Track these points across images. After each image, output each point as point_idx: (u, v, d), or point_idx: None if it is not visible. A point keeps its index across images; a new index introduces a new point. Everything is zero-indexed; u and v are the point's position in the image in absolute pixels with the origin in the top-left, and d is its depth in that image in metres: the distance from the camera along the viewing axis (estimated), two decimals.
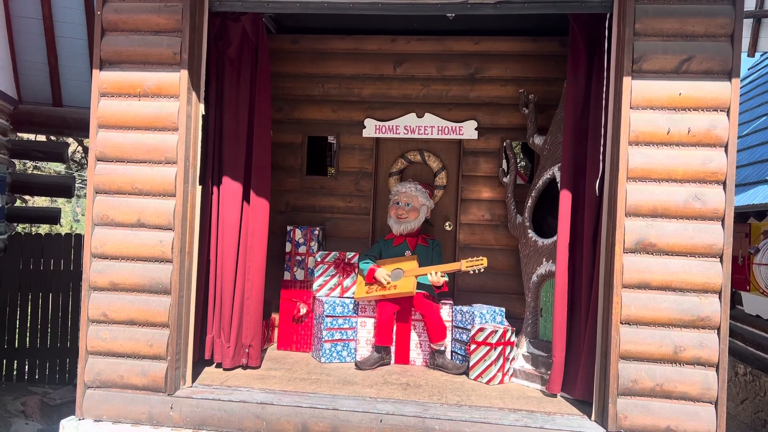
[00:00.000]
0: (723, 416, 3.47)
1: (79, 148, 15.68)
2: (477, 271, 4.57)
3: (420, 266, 4.72)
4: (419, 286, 4.67)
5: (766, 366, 6.93)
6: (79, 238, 7.61)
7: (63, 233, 7.65)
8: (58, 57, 6.92)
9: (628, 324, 3.54)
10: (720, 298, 3.49)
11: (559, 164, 4.44)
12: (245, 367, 4.42)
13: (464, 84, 5.30)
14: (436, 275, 4.57)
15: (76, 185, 9.67)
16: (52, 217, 7.95)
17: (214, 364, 4.44)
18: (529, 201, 4.81)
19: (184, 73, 3.82)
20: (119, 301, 3.84)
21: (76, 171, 17.65)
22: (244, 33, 4.38)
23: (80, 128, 7.24)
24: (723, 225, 3.48)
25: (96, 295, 3.87)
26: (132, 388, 3.83)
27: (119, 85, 3.87)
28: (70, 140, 13.37)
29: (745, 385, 7.33)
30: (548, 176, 4.66)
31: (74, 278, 7.48)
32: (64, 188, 7.71)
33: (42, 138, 11.60)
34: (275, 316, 5.25)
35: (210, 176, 4.36)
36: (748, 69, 11.04)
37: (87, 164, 15.94)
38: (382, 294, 4.61)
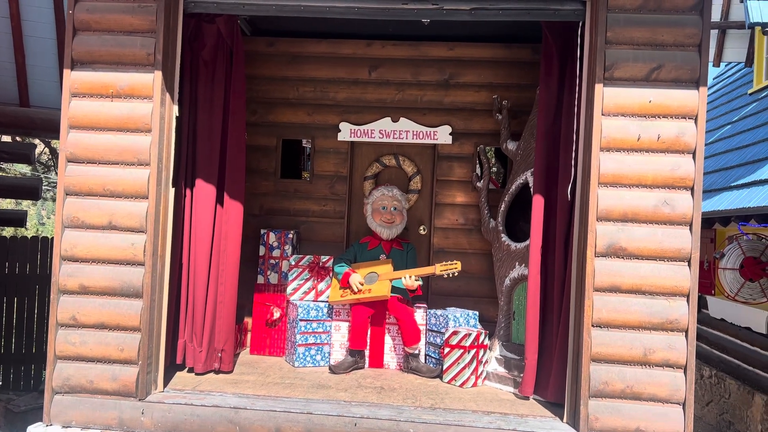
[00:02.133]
0: (691, 417, 3.55)
1: (46, 150, 15.37)
2: (451, 275, 4.60)
3: (395, 270, 4.73)
4: (394, 289, 4.69)
5: (730, 368, 7.11)
6: (46, 241, 7.46)
7: (29, 236, 7.48)
8: (25, 56, 6.78)
9: (600, 327, 3.60)
10: (688, 301, 3.57)
11: (532, 169, 4.50)
12: (218, 371, 4.37)
13: (439, 89, 5.35)
14: (410, 279, 4.59)
15: (42, 187, 9.48)
16: (17, 219, 7.79)
17: (186, 369, 4.38)
18: (503, 206, 4.87)
19: (158, 74, 3.78)
20: (89, 305, 3.78)
21: (43, 173, 17.29)
22: (219, 35, 4.36)
23: (48, 129, 7.10)
24: (691, 230, 3.57)
25: (65, 298, 3.79)
26: (102, 394, 3.76)
27: (91, 86, 3.81)
28: (36, 141, 13.10)
29: (711, 387, 7.50)
30: (521, 181, 4.72)
31: (40, 282, 7.34)
32: (30, 190, 7.56)
33: (7, 139, 11.34)
34: (248, 320, 5.21)
35: (183, 178, 4.32)
36: (714, 78, 11.34)
37: (53, 166, 15.65)
38: (356, 298, 4.61)
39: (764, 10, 6.72)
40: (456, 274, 4.61)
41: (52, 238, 7.10)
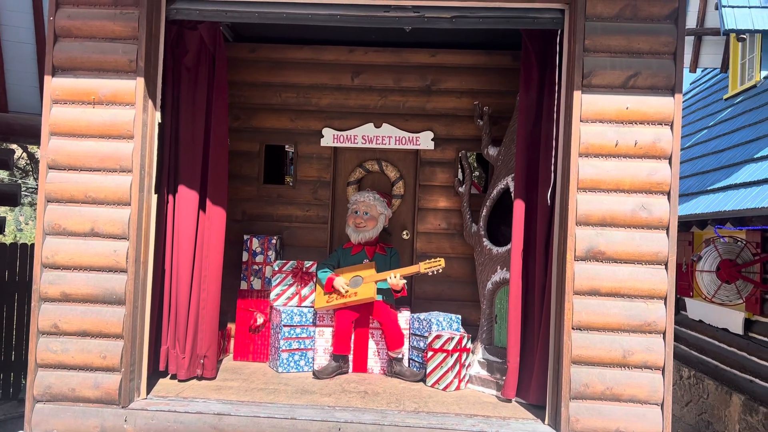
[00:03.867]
0: (669, 417, 3.62)
1: (24, 155, 15.19)
2: (435, 272, 4.64)
3: (378, 273, 4.76)
4: (378, 291, 4.71)
5: (708, 369, 7.23)
6: (25, 247, 7.38)
7: (8, 243, 7.39)
8: (4, 61, 6.72)
9: (580, 329, 3.65)
10: (665, 303, 3.64)
11: (513, 175, 4.56)
12: (201, 378, 4.36)
13: (421, 95, 5.39)
14: (395, 278, 4.62)
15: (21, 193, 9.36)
16: None
17: (169, 376, 4.36)
18: (484, 210, 4.92)
19: (140, 81, 3.78)
20: (71, 312, 3.75)
21: (21, 179, 17.08)
22: (201, 41, 4.37)
23: (27, 135, 7.04)
24: (668, 233, 3.64)
25: (47, 306, 3.77)
26: (84, 401, 3.74)
27: (73, 92, 3.80)
28: (14, 147, 12.95)
29: (689, 388, 7.62)
30: (502, 186, 4.77)
31: (19, 289, 7.25)
32: (9, 196, 7.48)
33: None
34: (231, 326, 5.20)
35: (165, 184, 4.32)
36: (690, 84, 11.53)
37: (32, 171, 15.46)
38: (343, 302, 4.63)
39: (739, 17, 6.88)
40: (440, 270, 4.65)
41: (32, 244, 7.03)
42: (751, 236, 6.22)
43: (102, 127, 3.78)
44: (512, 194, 4.40)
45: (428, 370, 4.49)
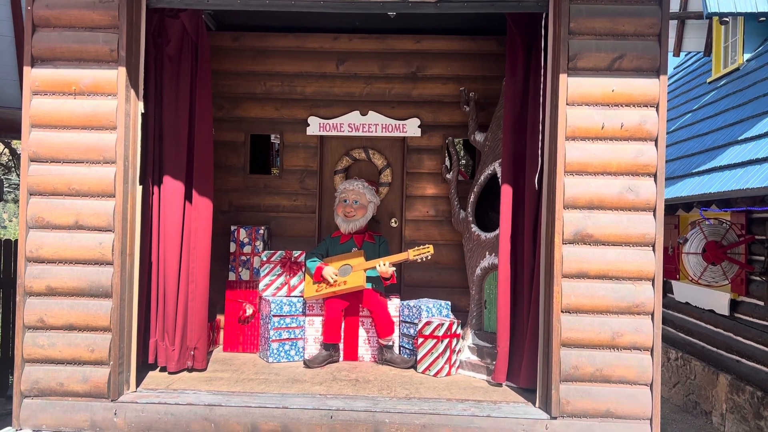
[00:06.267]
0: (658, 397, 3.65)
1: (6, 151, 14.98)
2: (424, 259, 4.65)
3: (367, 261, 4.75)
4: (367, 279, 4.70)
5: (695, 350, 7.31)
6: (9, 243, 7.28)
7: None
8: None
9: (569, 312, 3.67)
10: (653, 284, 3.66)
11: (500, 160, 4.55)
12: (191, 369, 4.34)
13: (407, 82, 5.37)
14: (384, 265, 4.62)
15: (3, 189, 9.22)
16: None
17: (159, 368, 4.34)
18: (472, 196, 4.92)
19: (122, 71, 3.73)
20: (57, 306, 3.72)
21: (3, 175, 16.86)
22: (184, 30, 4.31)
23: (8, 129, 6.92)
24: (654, 215, 3.66)
25: (32, 300, 3.72)
26: (73, 396, 3.71)
27: (53, 83, 3.74)
28: None
29: (677, 369, 7.70)
30: (489, 172, 4.77)
31: (4, 286, 7.16)
32: None
33: None
34: (220, 318, 5.18)
35: (150, 176, 4.27)
36: (674, 68, 11.58)
37: (14, 167, 15.25)
38: (333, 291, 4.62)
39: (721, 1, 6.89)
40: (429, 257, 4.66)
41: (16, 240, 6.94)
42: (735, 218, 6.27)
43: (84, 117, 3.73)
44: (500, 179, 4.39)
45: (419, 357, 4.50)
